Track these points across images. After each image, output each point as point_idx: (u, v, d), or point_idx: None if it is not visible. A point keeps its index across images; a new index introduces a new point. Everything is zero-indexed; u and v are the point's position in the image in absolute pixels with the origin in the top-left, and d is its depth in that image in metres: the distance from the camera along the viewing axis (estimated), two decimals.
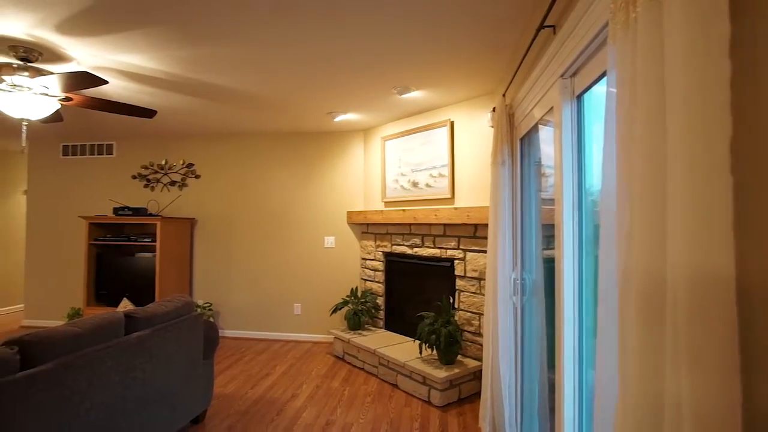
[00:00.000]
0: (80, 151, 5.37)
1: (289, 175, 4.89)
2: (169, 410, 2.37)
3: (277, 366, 3.88)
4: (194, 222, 5.06)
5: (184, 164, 5.09)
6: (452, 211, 3.40)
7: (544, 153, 2.38)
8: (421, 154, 3.92)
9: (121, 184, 5.24)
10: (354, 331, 4.14)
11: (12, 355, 1.60)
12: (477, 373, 3.21)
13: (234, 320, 4.93)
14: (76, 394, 1.78)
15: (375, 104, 3.73)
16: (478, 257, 3.31)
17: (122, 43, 2.51)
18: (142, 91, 3.38)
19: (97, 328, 1.98)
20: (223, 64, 2.82)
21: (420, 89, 3.32)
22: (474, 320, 3.33)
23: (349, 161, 4.77)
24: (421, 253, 3.85)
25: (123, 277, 4.76)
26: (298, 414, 2.90)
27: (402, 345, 3.70)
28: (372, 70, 2.91)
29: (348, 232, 4.73)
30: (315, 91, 3.37)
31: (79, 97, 2.83)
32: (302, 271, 4.80)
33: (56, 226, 5.37)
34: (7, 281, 6.04)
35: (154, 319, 2.35)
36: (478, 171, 3.40)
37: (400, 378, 3.36)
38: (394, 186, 4.21)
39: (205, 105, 3.79)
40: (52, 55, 2.67)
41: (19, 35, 2.39)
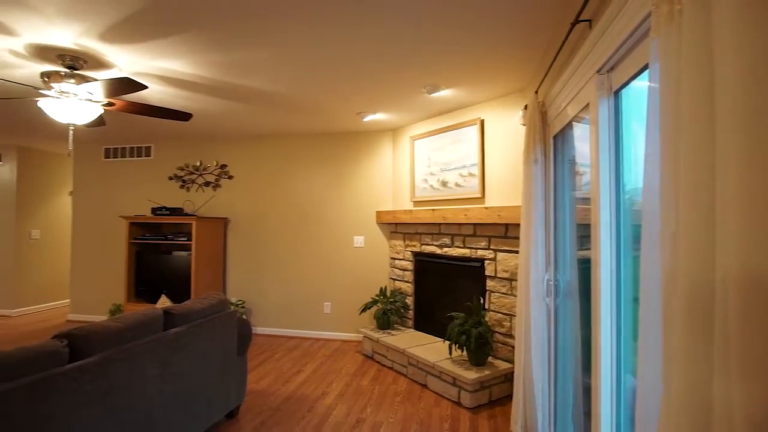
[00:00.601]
0: (120, 153, 5.60)
1: (318, 175, 4.95)
2: (205, 404, 2.44)
3: (308, 363, 3.93)
4: (227, 221, 5.20)
5: (218, 165, 5.23)
6: (483, 210, 3.36)
7: (578, 151, 2.32)
8: (450, 154, 3.89)
9: (158, 185, 5.44)
10: (383, 331, 4.15)
11: (62, 347, 1.69)
12: (508, 375, 3.15)
13: (266, 318, 5.04)
14: (119, 386, 1.86)
15: (404, 104, 3.73)
16: (509, 258, 3.26)
17: (160, 50, 2.60)
18: (178, 95, 3.50)
19: (138, 324, 2.06)
20: (255, 67, 2.88)
21: (450, 88, 3.29)
22: (505, 321, 3.28)
23: (377, 161, 4.78)
24: (450, 253, 3.82)
25: (160, 275, 4.94)
26: (329, 411, 2.94)
27: (431, 345, 3.68)
28: (402, 69, 2.91)
29: (377, 231, 4.74)
30: (345, 91, 3.40)
31: (120, 102, 2.96)
32: (332, 270, 4.85)
33: (99, 225, 5.63)
34: (55, 278, 6.38)
35: (190, 315, 2.43)
36: (510, 170, 3.34)
37: (430, 378, 3.35)
38: (423, 186, 4.19)
39: (238, 107, 3.88)
40: (96, 63, 2.80)
41: (66, 44, 2.52)
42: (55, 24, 2.26)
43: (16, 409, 1.43)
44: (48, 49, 2.59)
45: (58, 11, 2.12)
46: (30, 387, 1.48)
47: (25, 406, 1.46)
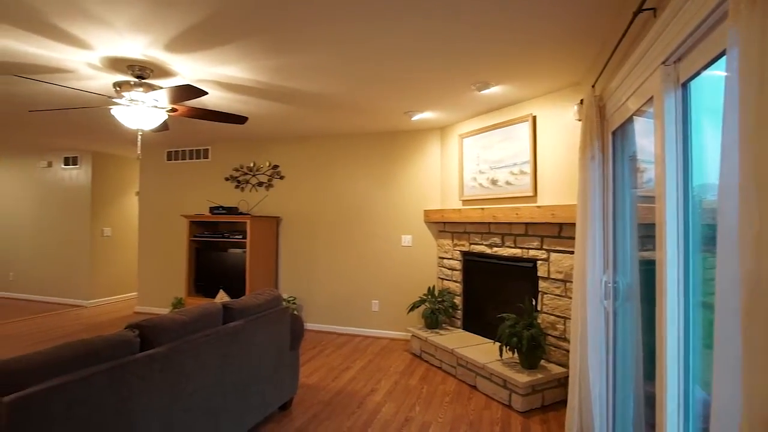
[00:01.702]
0: (181, 156, 5.94)
1: (367, 175, 5.00)
2: (260, 396, 2.55)
3: (357, 360, 4.00)
4: (279, 220, 5.38)
5: (270, 166, 5.42)
6: (535, 209, 3.26)
7: (639, 146, 2.20)
8: (500, 151, 3.81)
9: (215, 186, 5.72)
10: (431, 330, 4.13)
11: (134, 337, 1.82)
12: (562, 380, 3.05)
13: (316, 314, 5.16)
14: (183, 375, 1.98)
15: (452, 102, 3.69)
16: (563, 258, 3.15)
17: (218, 57, 2.74)
18: (234, 99, 3.66)
19: (200, 317, 2.18)
20: (307, 70, 2.95)
21: (500, 84, 3.22)
22: (559, 324, 3.17)
23: (425, 160, 4.77)
24: (501, 252, 3.74)
25: (217, 271, 5.20)
26: (378, 408, 2.97)
27: (480, 346, 3.62)
28: (451, 67, 2.88)
29: (425, 230, 4.73)
30: (393, 91, 3.41)
31: (182, 108, 3.13)
32: (380, 268, 4.89)
33: (163, 223, 6.00)
34: (124, 272, 6.88)
35: (247, 310, 2.54)
36: (564, 167, 3.22)
37: (480, 380, 3.30)
38: (472, 184, 4.13)
39: (290, 110, 4.00)
40: (160, 72, 2.98)
41: (135, 56, 2.70)
42: (125, 37, 2.43)
43: (98, 390, 1.56)
44: (119, 61, 2.79)
45: (128, 25, 2.28)
46: (109, 372, 1.62)
47: (105, 388, 1.59)
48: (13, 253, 7.01)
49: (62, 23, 2.26)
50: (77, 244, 6.45)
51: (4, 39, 2.46)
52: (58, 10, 2.11)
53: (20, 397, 1.35)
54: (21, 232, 6.95)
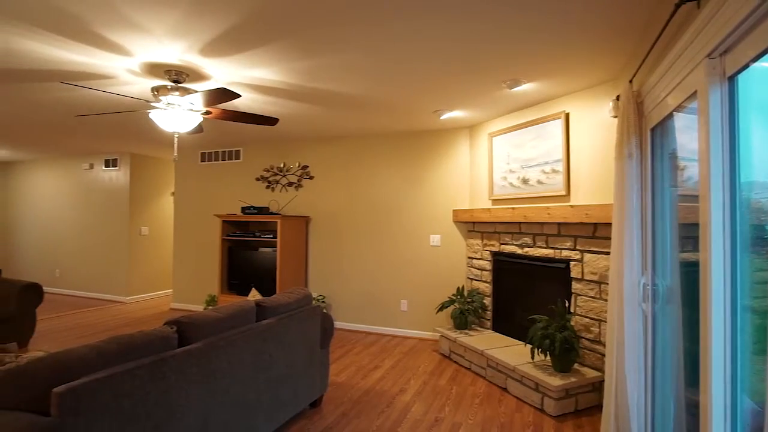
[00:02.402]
0: (214, 157, 6.11)
1: (395, 174, 5.01)
2: (292, 392, 2.59)
3: (386, 360, 4.01)
4: (309, 220, 5.45)
5: (300, 166, 5.50)
6: (568, 209, 3.19)
7: (680, 143, 2.12)
8: (532, 150, 3.74)
9: (247, 186, 5.85)
10: (460, 331, 4.10)
11: (172, 333, 1.89)
12: (597, 384, 2.97)
13: (344, 313, 5.21)
14: (219, 370, 2.03)
15: (482, 100, 3.65)
16: (598, 259, 3.06)
17: (250, 60, 2.80)
18: (265, 101, 3.73)
19: (235, 315, 2.24)
20: (335, 71, 2.98)
21: (532, 81, 3.16)
22: (593, 327, 3.08)
23: (454, 159, 4.73)
24: (532, 253, 3.67)
25: (248, 269, 5.31)
26: (407, 408, 2.97)
27: (511, 348, 3.57)
28: (481, 65, 2.85)
29: (454, 230, 4.69)
30: (422, 90, 3.40)
31: (216, 111, 3.22)
32: (408, 268, 4.89)
33: (196, 223, 6.19)
34: (160, 270, 7.13)
35: (279, 308, 2.58)
36: (598, 165, 3.14)
37: (510, 382, 3.25)
38: (502, 183, 4.07)
39: (319, 110, 4.05)
40: (196, 76, 3.07)
41: (172, 61, 2.80)
42: (163, 43, 2.52)
43: (141, 383, 1.63)
44: (157, 66, 2.89)
45: (166, 31, 2.36)
46: (150, 365, 1.68)
47: (147, 381, 1.65)
48: (59, 251, 7.38)
49: (105, 32, 2.36)
50: (117, 242, 6.73)
51: (52, 48, 2.59)
52: (102, 19, 2.21)
53: (71, 387, 1.42)
54: (66, 231, 7.31)
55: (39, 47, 2.58)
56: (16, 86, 3.37)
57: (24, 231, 7.80)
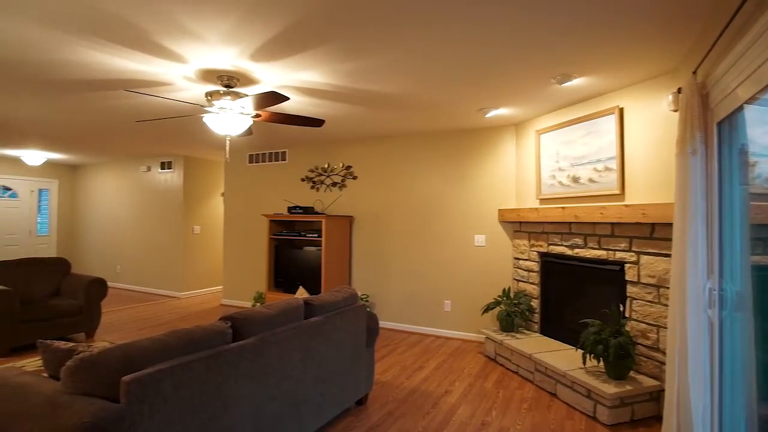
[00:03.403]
0: (261, 158, 6.31)
1: (438, 173, 4.97)
2: (339, 390, 2.63)
3: (430, 360, 3.98)
4: (352, 219, 5.51)
5: (344, 167, 5.58)
6: (622, 208, 3.04)
7: (751, 138, 1.97)
8: (582, 147, 3.59)
9: (292, 186, 6.00)
10: (506, 333, 4.01)
11: (227, 328, 1.96)
12: (655, 393, 2.81)
13: (388, 312, 5.23)
14: (270, 365, 2.09)
15: (530, 96, 3.55)
16: (656, 261, 2.90)
17: (297, 63, 2.86)
18: (311, 103, 3.81)
19: (285, 312, 2.30)
20: (381, 72, 2.99)
21: (583, 76, 3.04)
22: (650, 333, 2.92)
23: (499, 157, 4.63)
24: (583, 254, 3.53)
25: (294, 267, 5.44)
26: (453, 410, 2.93)
27: (560, 352, 3.45)
28: (529, 61, 2.77)
29: (499, 230, 4.60)
30: (468, 88, 3.35)
31: (265, 114, 3.32)
32: (452, 268, 4.84)
33: (245, 222, 6.42)
34: (211, 267, 7.45)
35: (326, 307, 2.63)
36: (656, 163, 2.97)
37: (560, 387, 3.14)
38: (551, 182, 3.94)
39: (363, 111, 4.08)
40: (246, 80, 3.18)
41: (225, 67, 2.91)
42: (216, 50, 2.62)
43: (198, 375, 1.71)
44: (210, 72, 3.02)
45: (219, 38, 2.46)
46: (207, 359, 1.75)
47: (204, 373, 1.73)
48: (119, 248, 7.88)
49: (164, 41, 2.49)
50: (171, 240, 7.10)
51: (116, 58, 2.76)
52: (160, 28, 2.33)
53: (137, 377, 1.50)
54: (126, 230, 7.78)
55: (105, 58, 2.76)
56: (85, 95, 3.62)
57: (89, 229, 8.38)
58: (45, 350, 1.79)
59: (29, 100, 3.80)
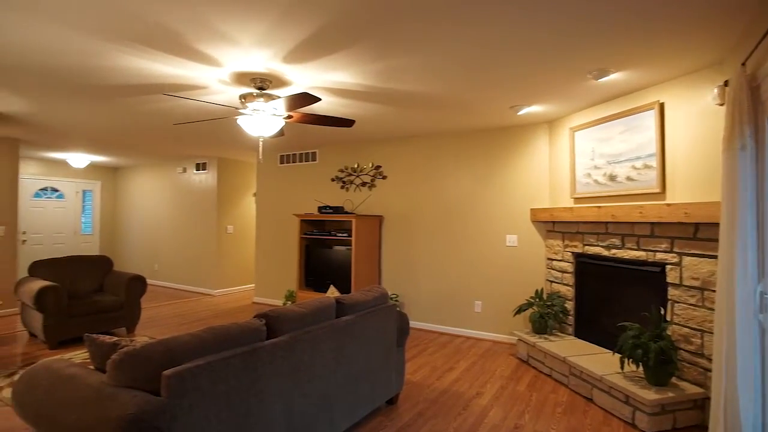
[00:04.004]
0: (292, 159, 6.40)
1: (469, 172, 4.91)
2: (370, 389, 2.63)
3: (460, 361, 3.94)
4: (382, 219, 5.52)
5: (373, 166, 5.59)
6: (663, 207, 2.92)
7: None
8: (620, 144, 3.47)
9: (322, 186, 6.06)
10: (539, 335, 3.92)
11: (262, 326, 2.00)
12: (699, 401, 2.69)
13: (417, 312, 5.21)
14: (303, 363, 2.12)
15: (564, 93, 3.46)
16: (700, 263, 2.77)
17: (328, 64, 2.88)
18: (341, 103, 3.83)
19: (317, 310, 2.32)
20: (411, 71, 2.98)
21: (621, 70, 2.94)
22: (694, 338, 2.79)
23: (532, 156, 4.54)
24: (620, 255, 3.41)
25: (324, 267, 5.50)
26: (485, 412, 2.89)
27: (596, 356, 3.35)
28: (563, 55, 2.70)
29: (531, 230, 4.50)
30: (499, 85, 3.30)
31: (297, 115, 3.37)
32: (483, 268, 4.77)
33: (276, 222, 6.53)
34: (243, 265, 7.63)
35: (357, 306, 2.64)
36: (699, 159, 2.84)
37: (596, 392, 3.04)
38: (586, 181, 3.83)
39: (393, 111, 4.08)
40: (278, 82, 3.23)
41: (258, 69, 2.97)
42: (250, 53, 2.68)
43: (234, 370, 1.75)
44: (244, 75, 3.09)
45: (253, 42, 2.51)
46: (242, 355, 1.79)
47: (240, 369, 1.77)
48: (156, 246, 8.18)
49: (200, 45, 2.56)
50: (206, 239, 7.31)
51: (154, 63, 2.86)
52: (197, 33, 2.40)
53: (177, 371, 1.55)
54: (163, 229, 8.07)
55: (144, 63, 2.87)
56: (126, 100, 3.78)
57: (129, 228, 8.74)
58: (91, 344, 1.87)
59: (75, 105, 3.99)
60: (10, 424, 2.65)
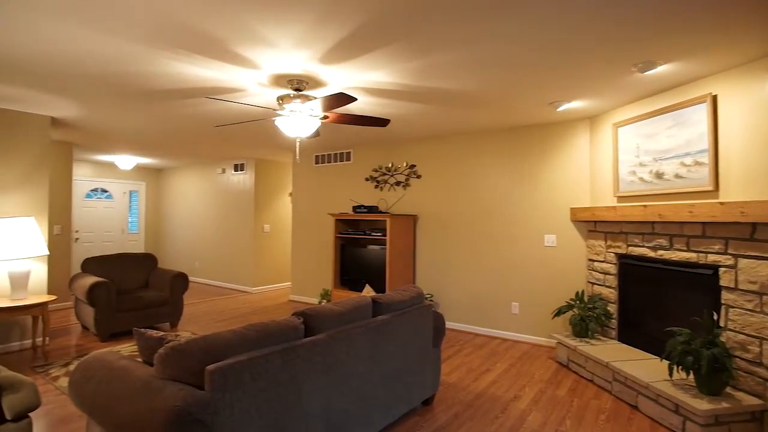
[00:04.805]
0: (327, 159, 6.48)
1: (504, 171, 4.82)
2: (406, 389, 2.62)
3: (497, 363, 3.87)
4: (416, 218, 5.50)
5: (407, 166, 5.58)
6: (716, 206, 2.75)
7: None
8: (668, 140, 3.30)
9: (356, 186, 6.10)
10: (580, 339, 3.79)
11: (299, 324, 2.03)
12: (757, 413, 2.52)
13: (451, 312, 5.15)
14: (339, 362, 2.14)
15: (607, 87, 3.33)
16: (758, 266, 2.59)
17: (364, 64, 2.89)
18: (376, 103, 3.84)
19: (354, 309, 2.33)
20: (448, 69, 2.95)
21: (670, 62, 2.79)
22: (751, 345, 2.62)
23: (571, 153, 4.39)
24: (668, 256, 3.25)
25: (359, 266, 5.53)
26: (523, 416, 2.82)
27: (641, 362, 3.20)
28: (607, 49, 2.59)
29: (571, 230, 4.36)
30: (538, 81, 3.21)
31: (333, 115, 3.40)
32: (520, 269, 4.67)
33: (311, 221, 6.63)
34: (280, 264, 7.79)
35: (393, 305, 2.64)
36: (757, 155, 2.66)
37: (642, 399, 2.91)
38: (631, 178, 3.67)
39: (428, 109, 4.05)
40: (314, 83, 3.27)
41: (296, 71, 3.01)
42: (288, 55, 2.72)
43: (274, 366, 1.78)
44: (281, 77, 3.14)
45: (291, 44, 2.55)
46: (281, 352, 1.82)
47: (279, 365, 1.80)
48: (197, 244, 8.47)
49: (239, 48, 2.62)
50: (244, 238, 7.51)
51: (197, 68, 2.96)
52: (237, 37, 2.46)
53: (219, 367, 1.60)
54: (203, 228, 8.35)
55: (187, 68, 2.97)
56: (169, 104, 3.93)
57: (172, 227, 9.10)
58: (140, 337, 1.96)
59: (122, 109, 4.18)
60: (65, 411, 2.81)
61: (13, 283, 3.88)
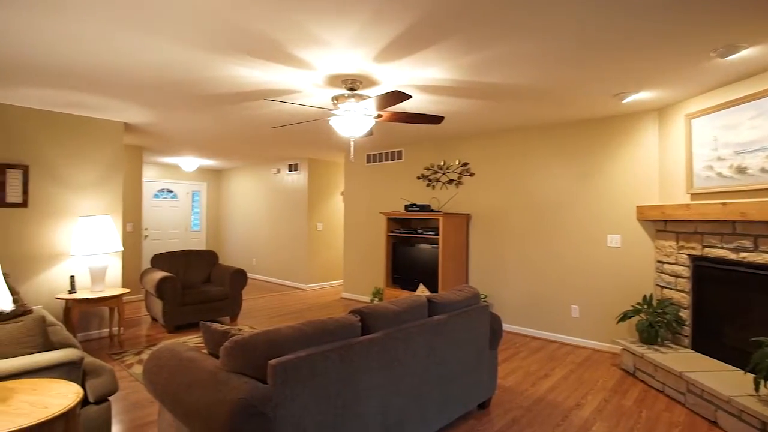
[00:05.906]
0: (379, 158, 6.51)
1: (563, 167, 4.61)
2: (462, 391, 2.57)
3: (556, 368, 3.71)
4: (469, 217, 5.39)
5: (460, 164, 5.48)
6: None
7: None
8: (751, 131, 3.01)
9: (408, 184, 6.08)
10: (648, 346, 3.55)
11: (357, 322, 2.04)
12: None
13: (506, 314, 5.01)
14: (396, 360, 2.12)
15: (680, 75, 3.08)
16: None
17: (418, 61, 2.86)
18: (428, 100, 3.80)
19: (410, 309, 2.32)
20: (503, 62, 2.85)
21: (755, 45, 2.54)
22: None
23: (637, 148, 4.12)
24: (752, 259, 2.96)
25: (410, 265, 5.50)
26: (586, 426, 2.68)
27: (720, 373, 2.94)
28: (683, 32, 2.39)
29: (637, 229, 4.10)
30: (602, 72, 3.03)
31: (387, 114, 3.39)
32: (580, 270, 4.45)
33: (363, 220, 6.69)
34: (332, 262, 7.93)
35: (449, 305, 2.59)
36: None
37: (722, 415, 2.67)
38: (707, 174, 3.38)
39: (483, 105, 3.95)
40: (368, 82, 3.29)
41: (349, 71, 3.04)
42: (342, 55, 2.75)
43: (332, 363, 1.80)
44: (336, 77, 3.18)
45: (345, 44, 2.57)
46: (340, 349, 1.84)
47: (337, 362, 1.82)
48: (254, 242, 8.81)
49: (295, 50, 2.68)
50: (298, 236, 7.72)
51: (255, 71, 3.06)
52: (293, 39, 2.51)
53: (281, 361, 1.63)
54: (260, 226, 8.68)
55: (247, 72, 3.08)
56: (230, 107, 4.10)
57: (231, 225, 9.53)
58: (206, 330, 2.05)
59: (186, 113, 4.42)
60: (139, 397, 3.01)
61: (93, 276, 4.21)
